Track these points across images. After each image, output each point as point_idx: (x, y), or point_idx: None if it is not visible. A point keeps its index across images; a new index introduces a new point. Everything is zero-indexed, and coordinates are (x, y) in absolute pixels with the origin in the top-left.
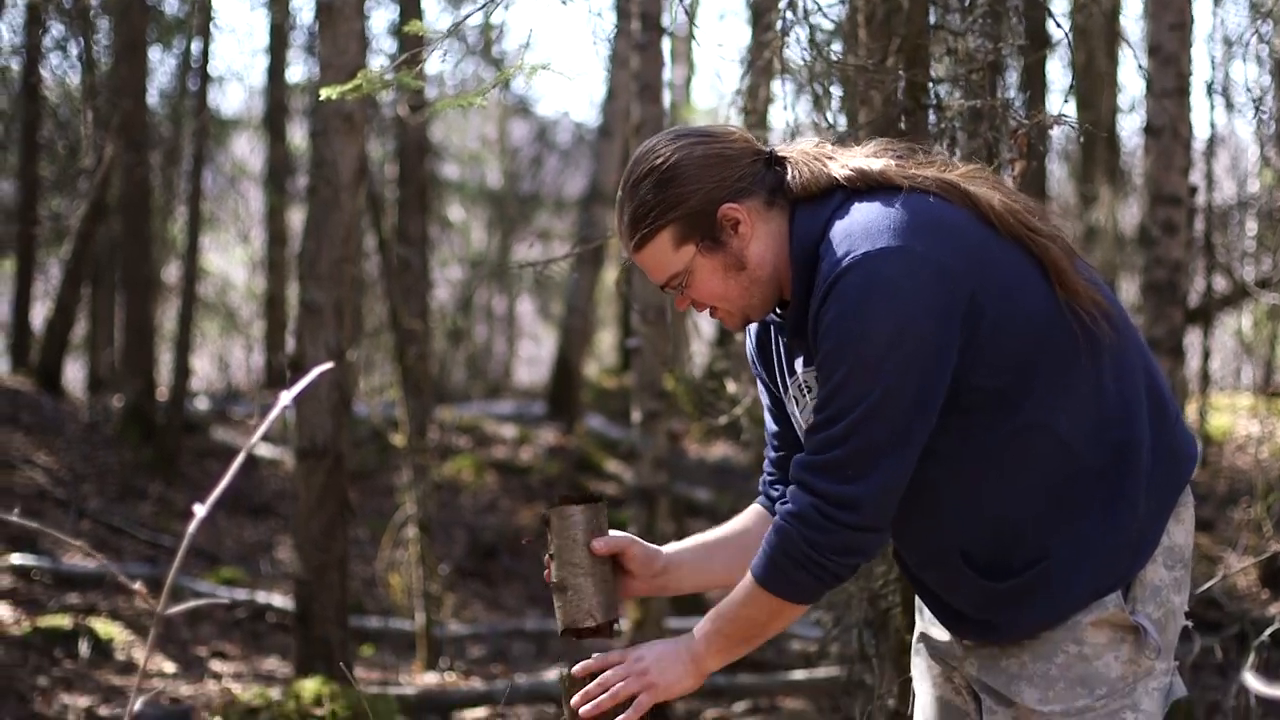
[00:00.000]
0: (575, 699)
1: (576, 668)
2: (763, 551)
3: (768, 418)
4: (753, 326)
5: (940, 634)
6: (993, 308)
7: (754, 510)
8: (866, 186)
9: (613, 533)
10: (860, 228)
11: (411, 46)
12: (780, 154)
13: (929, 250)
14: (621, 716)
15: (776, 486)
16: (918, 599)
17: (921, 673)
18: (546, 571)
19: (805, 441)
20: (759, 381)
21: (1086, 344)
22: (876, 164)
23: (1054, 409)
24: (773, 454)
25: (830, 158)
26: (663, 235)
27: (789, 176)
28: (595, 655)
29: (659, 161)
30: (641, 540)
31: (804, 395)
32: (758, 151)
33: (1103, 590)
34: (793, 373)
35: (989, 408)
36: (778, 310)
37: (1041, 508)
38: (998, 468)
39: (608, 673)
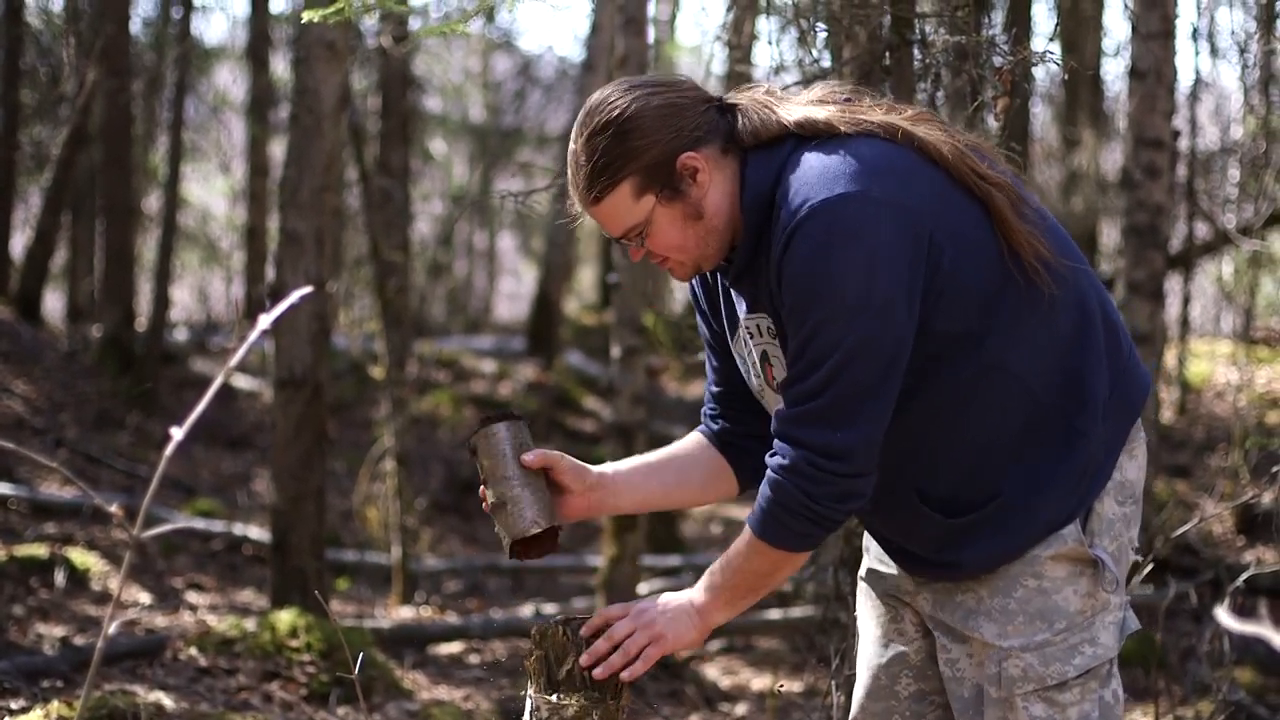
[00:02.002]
0: (583, 659)
1: (583, 630)
2: (758, 506)
3: (708, 353)
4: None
5: (889, 569)
6: (950, 247)
7: (694, 437)
8: (814, 135)
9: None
10: (815, 175)
11: None
12: (730, 101)
13: (884, 193)
14: (629, 669)
15: (717, 420)
16: (866, 537)
17: (866, 612)
18: (484, 501)
19: (784, 393)
20: (700, 317)
21: (1032, 285)
22: (820, 113)
23: (1010, 349)
24: (713, 388)
25: (778, 105)
26: (623, 187)
27: (740, 124)
28: (598, 612)
29: (615, 114)
30: (569, 456)
31: (751, 340)
32: (709, 99)
33: (1059, 522)
34: (737, 317)
35: (949, 353)
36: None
37: (997, 444)
38: (955, 410)
39: (615, 626)
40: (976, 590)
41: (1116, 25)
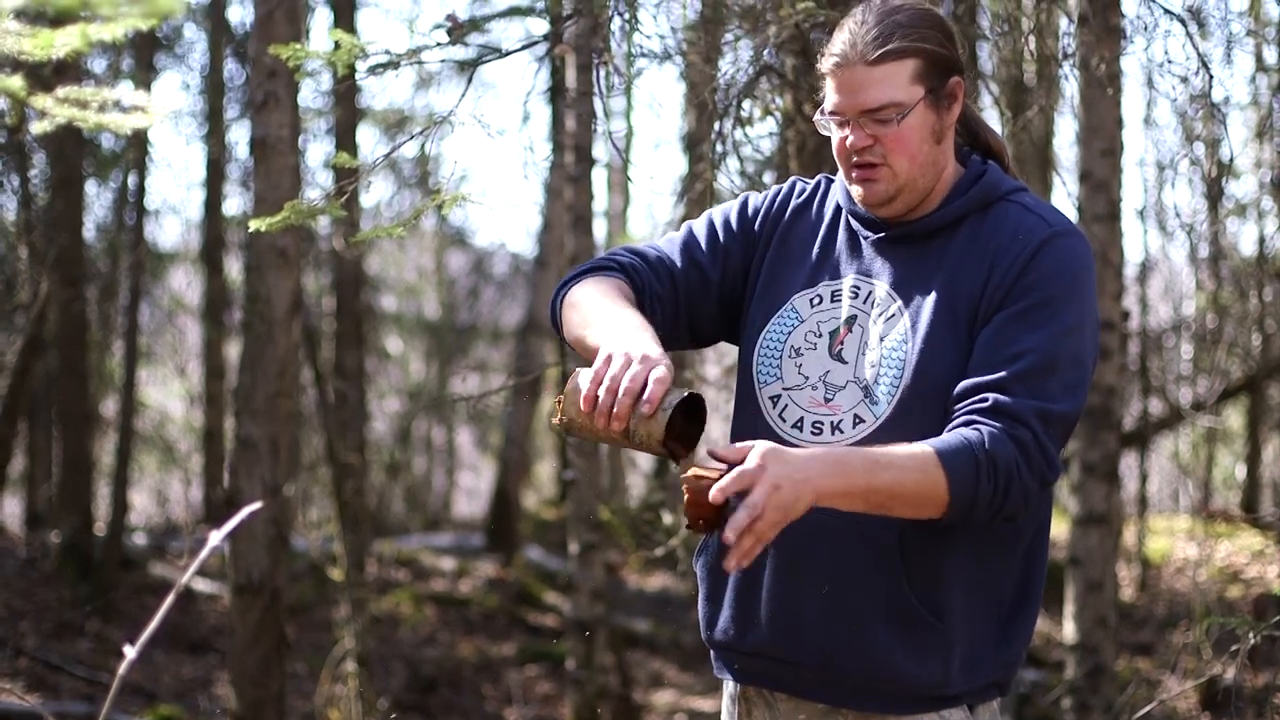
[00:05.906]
0: (728, 534)
1: (714, 492)
2: (966, 437)
3: (687, 251)
4: (789, 195)
5: None
6: None
7: (614, 283)
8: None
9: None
10: (1049, 209)
11: (345, 179)
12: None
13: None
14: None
15: (639, 273)
16: None
17: None
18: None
19: (1008, 371)
20: (727, 233)
21: None
22: None
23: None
24: (652, 263)
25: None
26: (909, 62)
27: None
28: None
29: (921, 6)
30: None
31: (843, 300)
32: None
33: (976, 690)
34: (837, 276)
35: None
36: (881, 218)
37: (991, 584)
38: (1005, 539)
39: (754, 495)
40: None
41: (1064, 208)
